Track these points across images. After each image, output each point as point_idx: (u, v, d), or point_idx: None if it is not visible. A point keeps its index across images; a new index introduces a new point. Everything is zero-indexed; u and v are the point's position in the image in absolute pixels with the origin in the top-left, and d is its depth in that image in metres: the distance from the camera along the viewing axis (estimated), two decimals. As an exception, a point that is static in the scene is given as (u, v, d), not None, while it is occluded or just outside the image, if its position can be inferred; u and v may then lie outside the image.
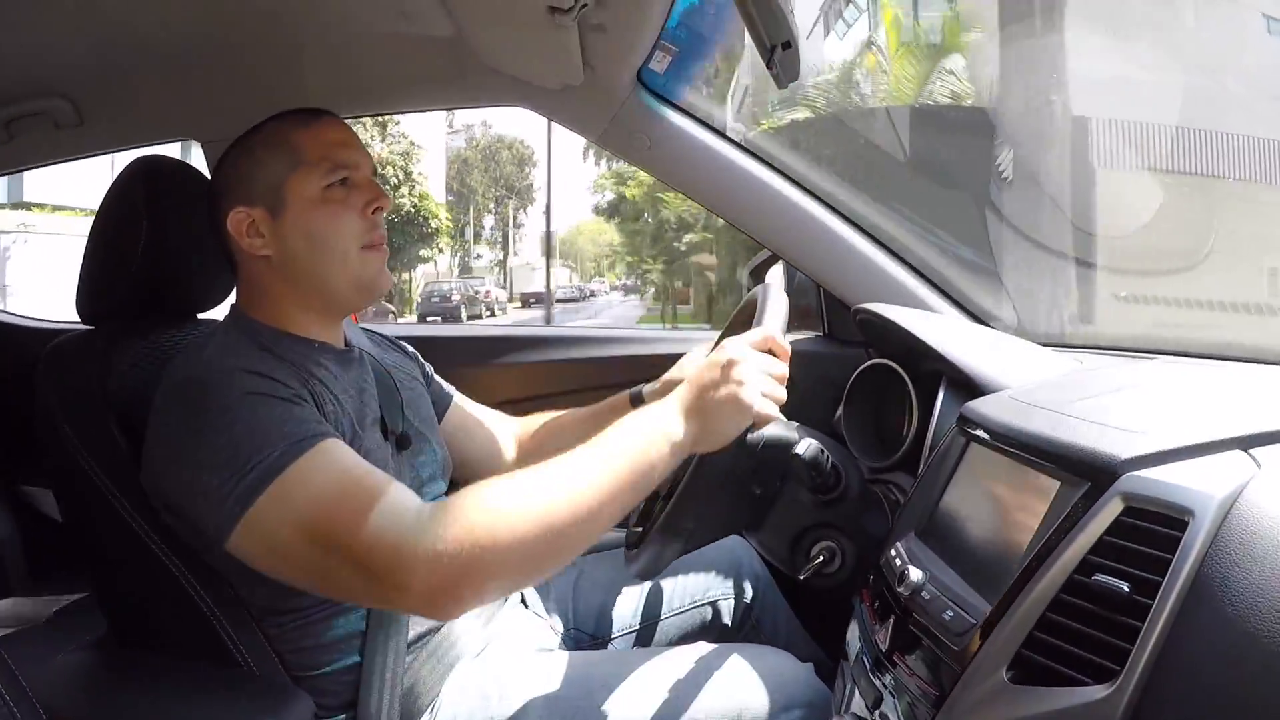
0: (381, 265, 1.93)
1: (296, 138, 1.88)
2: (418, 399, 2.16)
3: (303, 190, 1.85)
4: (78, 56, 2.39)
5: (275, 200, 1.85)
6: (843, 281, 2.68)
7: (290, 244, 1.86)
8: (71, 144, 2.78)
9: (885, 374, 2.36)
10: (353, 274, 1.88)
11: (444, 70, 2.62)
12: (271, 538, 1.58)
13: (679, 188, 2.76)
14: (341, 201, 1.87)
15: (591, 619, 2.31)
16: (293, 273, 1.88)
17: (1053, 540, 1.26)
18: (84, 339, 1.93)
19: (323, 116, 1.94)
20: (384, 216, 1.94)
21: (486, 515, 1.50)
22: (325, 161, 1.86)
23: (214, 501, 1.58)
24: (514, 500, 1.52)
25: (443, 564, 1.48)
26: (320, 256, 1.86)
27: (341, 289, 1.90)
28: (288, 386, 1.69)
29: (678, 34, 2.45)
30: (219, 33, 2.33)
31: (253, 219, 1.86)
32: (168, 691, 1.67)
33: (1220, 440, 1.24)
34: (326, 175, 1.86)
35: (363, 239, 1.88)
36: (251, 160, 1.89)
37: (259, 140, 1.91)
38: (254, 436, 1.58)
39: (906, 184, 13.43)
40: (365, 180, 1.92)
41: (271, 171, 1.86)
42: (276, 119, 1.93)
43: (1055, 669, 1.20)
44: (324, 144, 1.89)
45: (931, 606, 1.47)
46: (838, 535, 1.94)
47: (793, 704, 1.85)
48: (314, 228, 1.85)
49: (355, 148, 1.93)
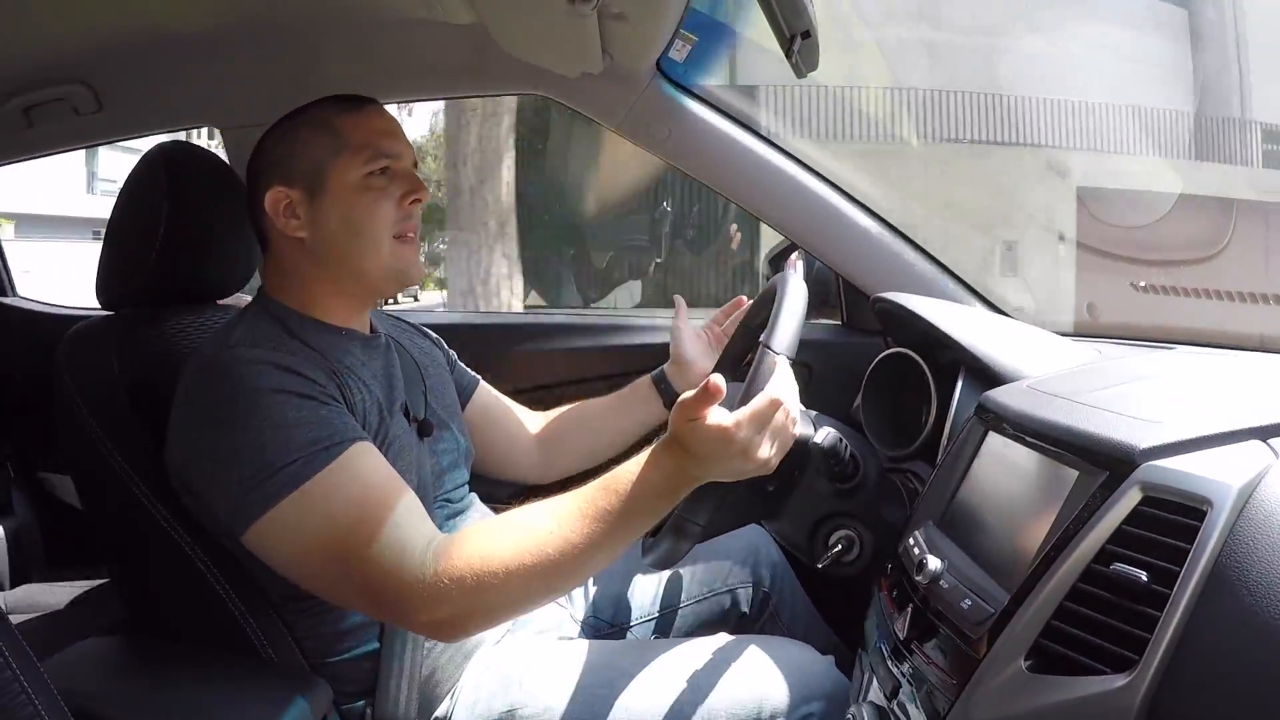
0: (414, 257, 1.94)
1: (341, 123, 1.89)
2: (441, 386, 2.17)
3: (344, 175, 1.86)
4: (98, 43, 2.40)
5: (315, 182, 1.86)
6: (861, 270, 2.68)
7: (326, 227, 1.86)
8: (91, 130, 2.78)
9: (904, 363, 2.36)
10: (384, 262, 1.89)
11: (463, 58, 2.63)
12: (285, 544, 1.61)
13: (698, 176, 2.76)
14: (381, 190, 1.87)
15: (610, 607, 2.31)
16: (325, 256, 1.89)
17: (1071, 529, 1.26)
18: (103, 325, 1.93)
19: (367, 105, 1.95)
20: (420, 209, 1.94)
21: (488, 557, 1.54)
22: (369, 149, 1.87)
23: (233, 498, 1.60)
24: (515, 543, 1.55)
25: (447, 601, 1.53)
26: (355, 242, 1.87)
27: (373, 276, 1.91)
28: (316, 383, 1.70)
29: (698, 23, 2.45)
30: (240, 19, 2.34)
31: (290, 199, 1.86)
32: (186, 678, 1.67)
33: (1239, 430, 1.23)
34: (369, 162, 1.86)
35: (396, 228, 1.89)
36: (295, 141, 1.89)
37: (303, 122, 1.91)
38: (279, 438, 1.60)
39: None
40: (406, 171, 1.92)
41: (314, 154, 1.87)
42: (321, 103, 1.94)
43: (1073, 658, 1.20)
44: (369, 131, 1.89)
45: (950, 595, 1.46)
46: (856, 524, 1.94)
47: (813, 696, 1.84)
48: (352, 213, 1.86)
49: (399, 137, 1.93)
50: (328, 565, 1.59)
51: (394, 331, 2.15)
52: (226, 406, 1.64)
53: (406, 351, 2.10)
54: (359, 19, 2.44)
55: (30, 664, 1.04)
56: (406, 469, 1.84)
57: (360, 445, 1.66)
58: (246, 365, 1.67)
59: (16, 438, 3.16)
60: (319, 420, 1.64)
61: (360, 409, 1.78)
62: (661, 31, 2.24)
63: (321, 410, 1.66)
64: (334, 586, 1.62)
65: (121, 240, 1.97)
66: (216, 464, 1.63)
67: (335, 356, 1.83)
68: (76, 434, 1.82)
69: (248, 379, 1.65)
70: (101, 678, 1.69)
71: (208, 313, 2.09)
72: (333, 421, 1.66)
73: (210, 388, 1.69)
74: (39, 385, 1.91)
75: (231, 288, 2.13)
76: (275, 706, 1.53)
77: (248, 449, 1.59)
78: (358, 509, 1.58)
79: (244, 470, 1.59)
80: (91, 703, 1.43)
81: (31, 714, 1.01)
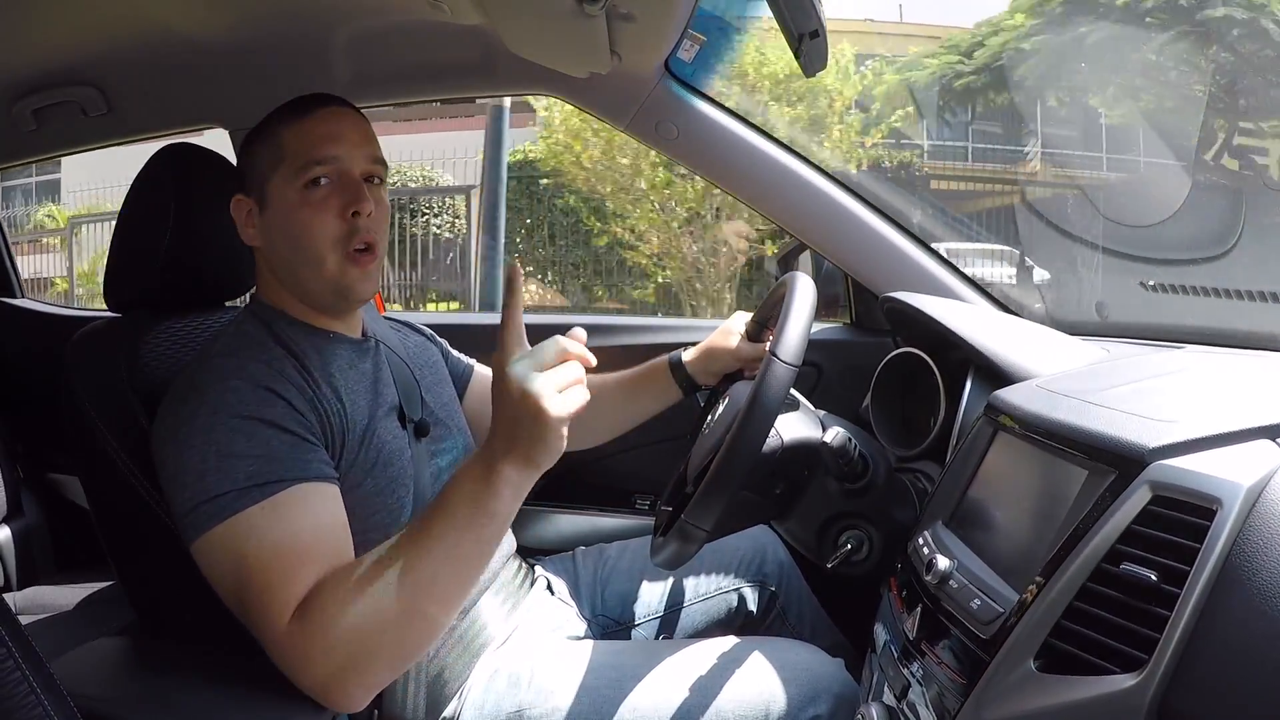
0: (362, 274, 1.86)
1: (283, 132, 1.85)
2: (438, 385, 2.16)
3: (283, 189, 1.82)
4: (107, 45, 2.40)
5: (260, 194, 1.85)
6: (870, 270, 2.68)
7: (272, 240, 1.86)
8: (99, 131, 2.80)
9: (913, 363, 2.36)
10: (330, 279, 1.84)
11: (471, 59, 2.63)
12: (211, 570, 1.59)
13: (707, 176, 2.77)
14: (319, 204, 1.81)
15: (617, 605, 2.31)
16: (278, 268, 1.88)
17: (1080, 529, 1.26)
18: (111, 326, 1.93)
19: (315, 109, 1.88)
20: (370, 219, 1.84)
21: (350, 617, 1.48)
22: (302, 158, 1.81)
23: (176, 515, 1.61)
24: (373, 594, 1.49)
25: (325, 664, 1.49)
26: (298, 258, 1.84)
27: (319, 292, 1.87)
28: (287, 403, 1.68)
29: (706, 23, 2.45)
30: (248, 21, 2.34)
31: (250, 208, 1.87)
32: (194, 681, 1.67)
33: (1248, 429, 1.24)
34: (301, 173, 1.81)
35: (342, 245, 1.83)
36: (248, 153, 1.89)
37: (255, 133, 1.90)
38: (221, 467, 1.58)
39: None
40: (349, 180, 1.84)
41: (258, 166, 1.85)
42: (276, 110, 1.90)
43: (1083, 658, 1.20)
44: (309, 140, 1.83)
45: (959, 595, 1.46)
46: (865, 524, 1.93)
47: (820, 696, 1.84)
48: (291, 229, 1.82)
49: (344, 141, 1.86)
50: (236, 603, 1.57)
51: (386, 332, 2.14)
52: (186, 424, 1.63)
53: (397, 353, 2.08)
54: (367, 20, 2.44)
55: (38, 664, 1.04)
56: (399, 474, 1.85)
57: (303, 488, 1.63)
58: (219, 382, 1.67)
59: (26, 439, 3.17)
60: (267, 453, 1.62)
61: (338, 418, 1.78)
62: (669, 31, 2.24)
63: (274, 442, 1.63)
64: (249, 621, 1.57)
65: (129, 242, 1.97)
66: (169, 477, 1.63)
67: (318, 361, 1.82)
68: (84, 435, 1.82)
69: (212, 400, 1.64)
70: (109, 678, 1.69)
71: (215, 314, 2.09)
72: (282, 457, 1.63)
73: (179, 400, 1.68)
74: (48, 387, 1.91)
75: (238, 289, 2.13)
76: (283, 708, 1.53)
77: (191, 472, 1.59)
78: (269, 555, 1.54)
79: (184, 492, 1.59)
80: (99, 703, 1.43)
81: (40, 714, 1.01)
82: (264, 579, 1.53)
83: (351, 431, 1.79)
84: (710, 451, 1.89)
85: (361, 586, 1.50)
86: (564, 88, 2.66)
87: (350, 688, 1.51)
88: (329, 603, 1.49)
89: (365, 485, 1.79)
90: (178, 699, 1.60)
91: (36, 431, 3.15)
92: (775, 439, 1.87)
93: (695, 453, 2.08)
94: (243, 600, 1.55)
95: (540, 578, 2.28)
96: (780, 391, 1.71)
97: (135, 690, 1.66)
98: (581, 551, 2.45)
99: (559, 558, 2.45)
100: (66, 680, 1.07)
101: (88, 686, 1.50)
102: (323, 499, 1.65)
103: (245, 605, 1.54)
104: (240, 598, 1.55)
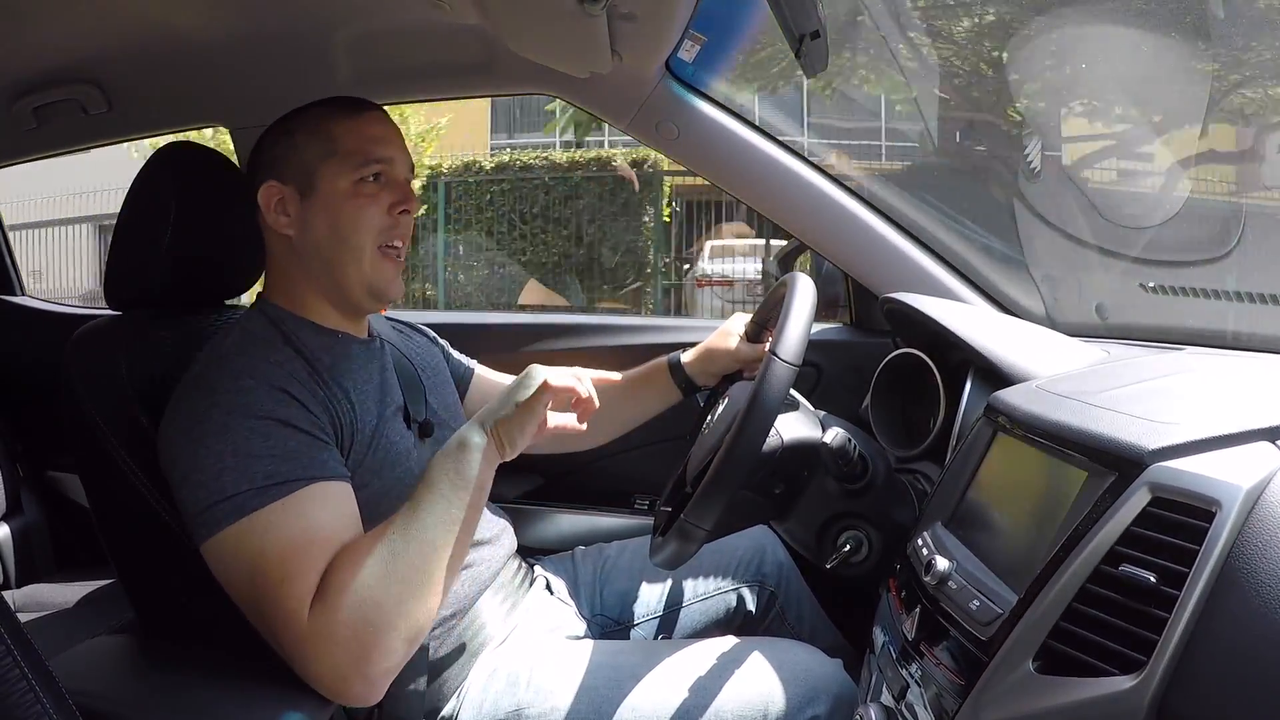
0: (395, 274, 1.93)
1: (335, 128, 1.88)
2: (441, 385, 2.17)
3: (334, 180, 1.85)
4: (108, 44, 2.40)
5: (306, 182, 1.86)
6: (870, 271, 2.69)
7: (313, 230, 1.87)
8: (100, 130, 2.80)
9: (912, 363, 2.36)
10: (365, 274, 1.88)
11: (472, 59, 2.63)
12: (224, 568, 1.61)
13: (707, 176, 2.76)
14: (371, 196, 1.86)
15: (616, 605, 2.31)
16: (310, 260, 1.89)
17: (1079, 531, 1.26)
18: (111, 325, 1.93)
19: (366, 110, 1.94)
20: (411, 221, 1.93)
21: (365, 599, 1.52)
22: (360, 155, 1.86)
23: (189, 513, 1.62)
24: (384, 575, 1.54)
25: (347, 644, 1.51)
26: (338, 249, 1.87)
27: (352, 287, 1.90)
28: (301, 405, 1.70)
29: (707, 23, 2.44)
30: (249, 20, 2.34)
31: (282, 195, 1.87)
32: (194, 677, 1.67)
33: (1247, 431, 1.23)
34: (359, 169, 1.86)
35: (382, 238, 1.88)
36: (289, 143, 1.89)
37: (298, 125, 1.91)
38: (238, 466, 1.60)
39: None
40: (398, 180, 1.91)
41: (306, 156, 1.87)
42: (319, 105, 1.93)
43: (1082, 659, 1.20)
44: (362, 137, 1.88)
45: (958, 596, 1.46)
46: (865, 524, 1.93)
47: (818, 697, 1.84)
48: (339, 219, 1.85)
49: (394, 144, 1.92)
50: (250, 600, 1.59)
51: (390, 333, 2.16)
52: (199, 423, 1.64)
53: (402, 353, 2.10)
54: (367, 19, 2.44)
55: (37, 662, 1.04)
56: (403, 475, 1.85)
57: (320, 486, 1.65)
58: (232, 381, 1.68)
59: (26, 437, 3.17)
60: (284, 453, 1.63)
61: (348, 419, 1.79)
62: (670, 31, 2.23)
63: (290, 441, 1.65)
64: (257, 621, 1.60)
65: (129, 240, 1.97)
66: (181, 476, 1.63)
67: (328, 361, 1.83)
68: (84, 434, 1.82)
69: (225, 399, 1.65)
70: (108, 677, 1.69)
71: (216, 313, 2.09)
72: (298, 456, 1.65)
73: (192, 399, 1.69)
74: (48, 385, 1.91)
75: (239, 288, 2.12)
76: (283, 706, 1.53)
77: (206, 471, 1.60)
78: (287, 549, 1.57)
79: (199, 491, 1.59)
80: (98, 701, 1.43)
81: (38, 712, 1.01)
82: (281, 572, 1.54)
83: (360, 432, 1.81)
84: (710, 452, 1.89)
85: (368, 555, 1.56)
86: (564, 87, 2.66)
87: (372, 664, 1.53)
88: (346, 576, 1.54)
89: (372, 485, 1.80)
90: (177, 697, 1.60)
91: (36, 429, 3.15)
92: (775, 439, 1.87)
93: (695, 453, 2.08)
94: (258, 595, 1.56)
95: (539, 577, 2.28)
96: (780, 391, 1.72)
97: (135, 688, 1.66)
98: (581, 551, 2.45)
99: (558, 557, 2.45)
100: (66, 678, 1.07)
101: (87, 684, 1.50)
102: (337, 496, 1.67)
103: (261, 600, 1.56)
104: (255, 593, 1.56)
